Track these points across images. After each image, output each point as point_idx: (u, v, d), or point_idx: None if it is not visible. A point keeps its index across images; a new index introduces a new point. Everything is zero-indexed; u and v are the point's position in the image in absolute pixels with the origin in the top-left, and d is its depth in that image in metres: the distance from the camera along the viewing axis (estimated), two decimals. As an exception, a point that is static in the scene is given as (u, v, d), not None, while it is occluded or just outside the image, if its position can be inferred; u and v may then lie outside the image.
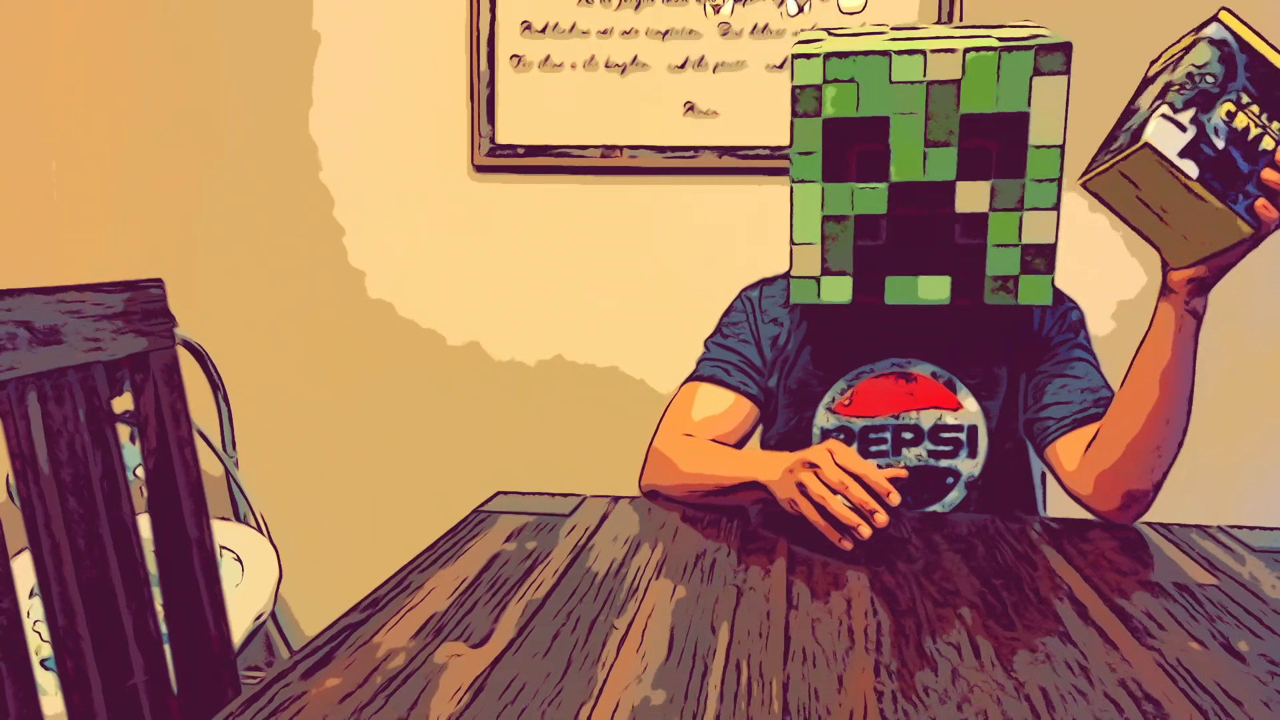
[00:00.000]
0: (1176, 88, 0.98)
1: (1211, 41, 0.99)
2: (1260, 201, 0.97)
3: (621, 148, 1.99)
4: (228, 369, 2.02)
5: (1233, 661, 0.79)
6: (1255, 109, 0.98)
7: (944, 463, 1.28)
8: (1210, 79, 0.98)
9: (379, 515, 2.16)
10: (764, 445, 1.38)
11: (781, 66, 1.94)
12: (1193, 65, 0.99)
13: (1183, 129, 0.97)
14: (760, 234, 1.98)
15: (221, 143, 2.13)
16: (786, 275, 1.36)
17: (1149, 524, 1.18)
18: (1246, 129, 0.98)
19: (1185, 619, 0.88)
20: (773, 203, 1.97)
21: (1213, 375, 1.93)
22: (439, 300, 2.10)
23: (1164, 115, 0.97)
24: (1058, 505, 1.37)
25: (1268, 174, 0.97)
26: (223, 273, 2.15)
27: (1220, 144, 0.97)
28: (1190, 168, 0.97)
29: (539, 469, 2.08)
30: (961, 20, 1.88)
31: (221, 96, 2.12)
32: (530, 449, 2.10)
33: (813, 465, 1.03)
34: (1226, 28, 0.99)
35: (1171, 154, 0.97)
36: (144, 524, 1.03)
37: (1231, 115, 0.98)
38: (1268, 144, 0.98)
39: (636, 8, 1.96)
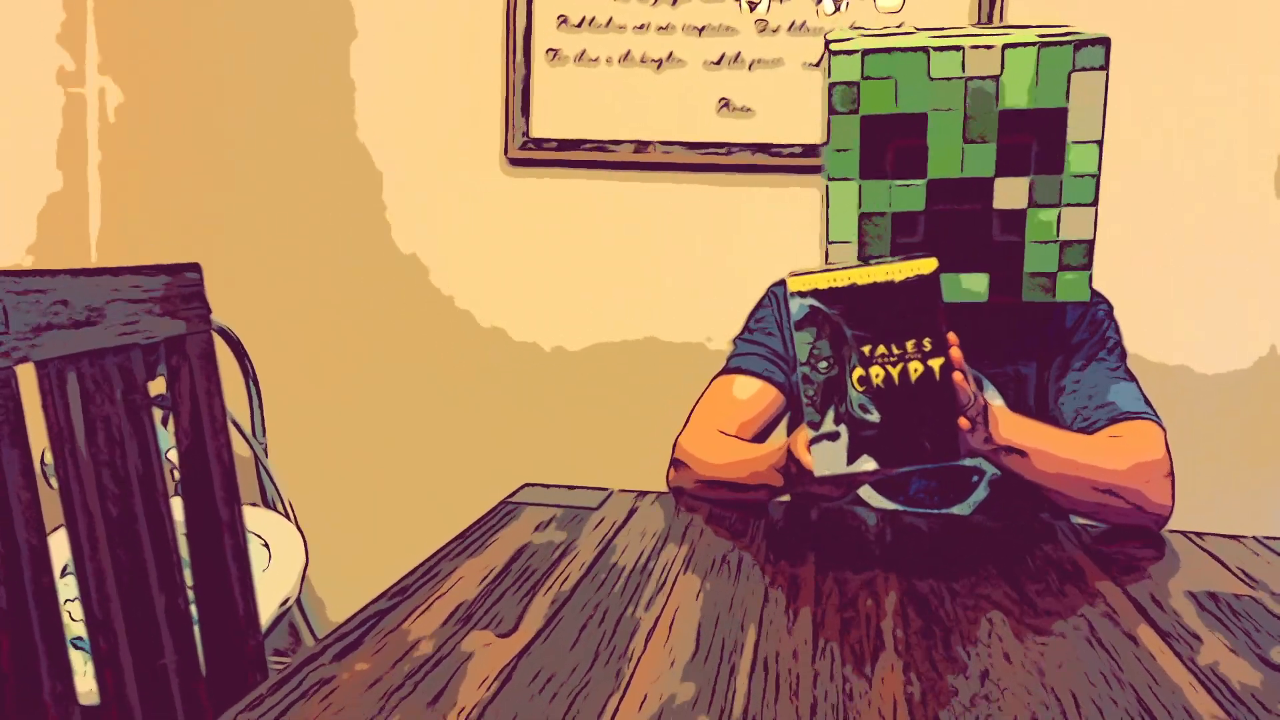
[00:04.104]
0: (806, 399, 0.95)
1: (799, 325, 0.94)
2: (960, 422, 0.95)
3: (655, 143, 1.99)
4: (258, 355, 2.04)
5: (1268, 672, 0.78)
6: (880, 350, 0.93)
7: (969, 461, 1.27)
8: (825, 364, 0.94)
9: (404, 504, 2.17)
10: None
11: (818, 64, 1.93)
12: (801, 365, 0.95)
13: (835, 437, 0.95)
14: (792, 232, 1.97)
15: (256, 133, 2.14)
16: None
17: (1181, 533, 1.17)
18: (888, 379, 0.93)
19: (1219, 628, 0.87)
20: (806, 201, 1.96)
21: (1245, 386, 1.91)
22: (469, 292, 2.11)
23: (814, 440, 0.95)
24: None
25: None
26: (254, 260, 2.17)
27: (876, 417, 0.94)
28: (867, 464, 0.95)
29: (566, 462, 2.09)
30: (1002, 21, 1.87)
31: (258, 87, 2.13)
32: (558, 442, 2.10)
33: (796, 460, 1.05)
34: (800, 294, 0.94)
35: (841, 468, 0.95)
36: (175, 507, 1.04)
37: (865, 380, 0.93)
38: (915, 370, 0.93)
39: (673, 3, 1.96)
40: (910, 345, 0.93)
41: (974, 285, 1.19)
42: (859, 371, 0.94)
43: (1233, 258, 1.89)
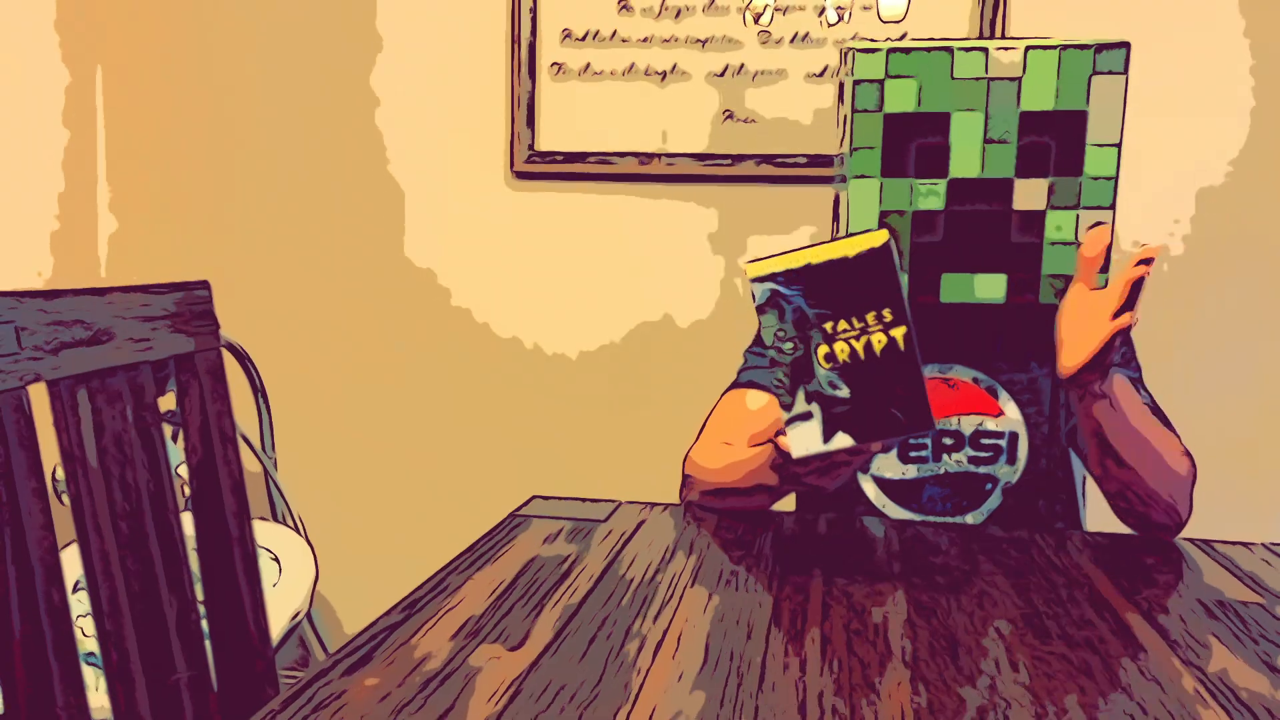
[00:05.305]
0: (775, 383, 0.96)
1: (761, 309, 0.95)
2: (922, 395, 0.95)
3: (659, 155, 2.00)
4: (267, 370, 2.05)
5: (1276, 680, 0.78)
6: (842, 325, 0.94)
7: (983, 469, 1.27)
8: (790, 345, 0.95)
9: (414, 518, 2.18)
10: None
11: (822, 75, 1.94)
12: (768, 349, 0.96)
13: (808, 417, 0.95)
14: (798, 241, 1.98)
15: (264, 149, 2.16)
16: None
17: (1190, 540, 1.17)
18: (853, 353, 0.94)
19: (1227, 637, 0.87)
20: (811, 211, 1.97)
21: (1251, 390, 1.90)
22: (475, 305, 2.12)
23: (788, 422, 0.96)
24: (1096, 514, 1.35)
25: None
26: (262, 275, 2.18)
27: (845, 392, 0.94)
28: (843, 440, 0.95)
29: (574, 474, 2.09)
30: (1004, 34, 1.87)
31: (267, 104, 2.15)
32: (566, 454, 2.11)
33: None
34: (760, 279, 0.94)
35: (818, 447, 0.96)
36: (186, 522, 1.05)
37: (831, 357, 0.94)
38: (878, 342, 0.93)
39: (676, 16, 1.97)
40: (871, 318, 0.93)
41: (992, 286, 1.19)
42: (824, 349, 0.94)
43: (1233, 259, 1.89)
